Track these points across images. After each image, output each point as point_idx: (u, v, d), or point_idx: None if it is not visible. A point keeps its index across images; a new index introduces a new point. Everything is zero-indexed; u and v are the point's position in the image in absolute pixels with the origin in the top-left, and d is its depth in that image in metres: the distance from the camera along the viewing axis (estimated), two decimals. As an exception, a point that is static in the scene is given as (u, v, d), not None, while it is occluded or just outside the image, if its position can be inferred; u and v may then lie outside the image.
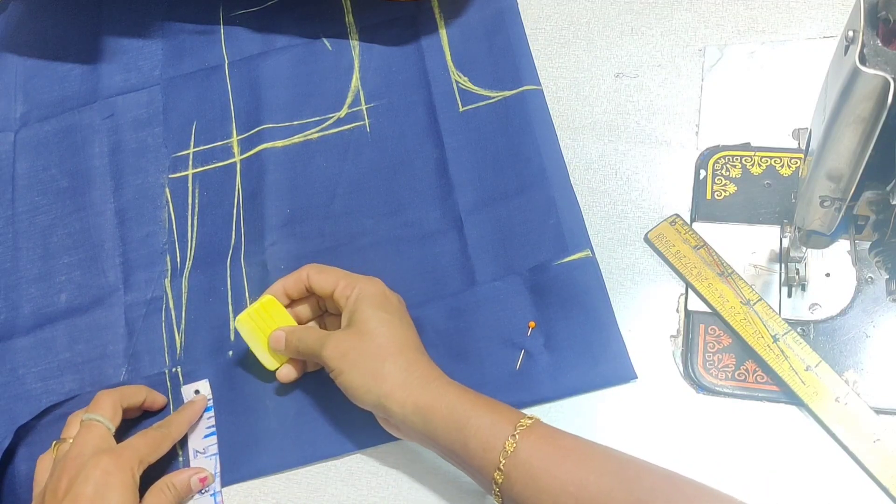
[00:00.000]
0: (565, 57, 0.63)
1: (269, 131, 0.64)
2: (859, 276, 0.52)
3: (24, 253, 0.64)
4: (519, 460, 0.43)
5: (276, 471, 0.54)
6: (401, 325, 0.50)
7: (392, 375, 0.48)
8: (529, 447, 0.43)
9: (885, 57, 0.34)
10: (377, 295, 0.51)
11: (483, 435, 0.44)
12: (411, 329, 0.51)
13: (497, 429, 0.44)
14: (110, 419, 0.52)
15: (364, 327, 0.49)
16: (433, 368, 0.49)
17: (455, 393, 0.47)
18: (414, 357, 0.49)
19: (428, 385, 0.47)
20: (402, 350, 0.49)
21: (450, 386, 0.48)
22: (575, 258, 0.55)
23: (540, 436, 0.44)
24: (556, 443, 0.44)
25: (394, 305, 0.52)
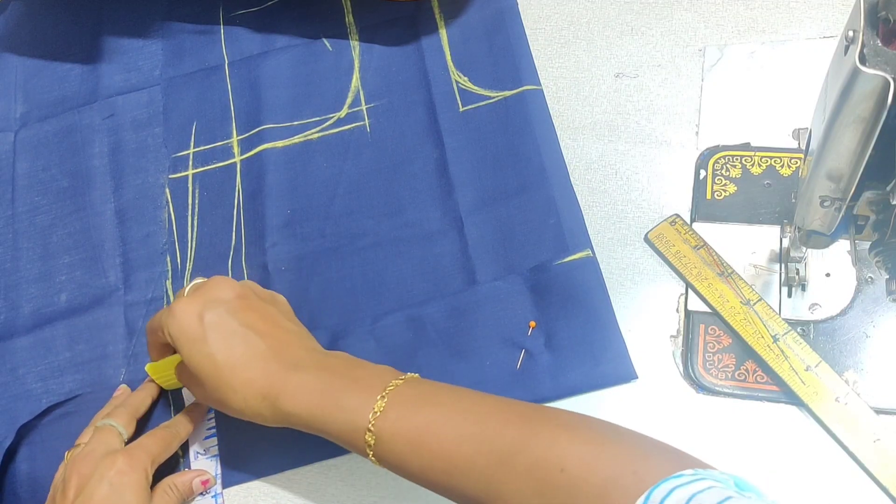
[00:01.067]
0: (565, 57, 0.63)
1: (270, 131, 0.64)
2: (859, 276, 0.52)
3: (25, 253, 0.64)
4: (388, 421, 0.42)
5: (276, 471, 0.54)
6: (215, 346, 0.47)
7: (231, 400, 0.47)
8: (399, 408, 0.43)
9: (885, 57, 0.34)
10: (181, 333, 0.48)
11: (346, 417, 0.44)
12: (230, 341, 0.47)
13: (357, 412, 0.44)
14: (124, 426, 0.53)
15: (189, 366, 0.48)
16: (269, 367, 0.47)
17: (304, 385, 0.45)
18: (241, 370, 0.47)
19: (268, 395, 0.46)
20: (226, 375, 0.47)
21: (295, 379, 0.46)
22: (575, 258, 0.55)
23: (412, 395, 0.43)
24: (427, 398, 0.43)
25: (200, 330, 0.47)
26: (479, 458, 0.40)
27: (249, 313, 0.49)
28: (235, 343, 0.47)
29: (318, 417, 0.45)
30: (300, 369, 0.47)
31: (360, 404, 0.44)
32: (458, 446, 0.41)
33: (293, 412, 0.45)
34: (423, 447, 0.42)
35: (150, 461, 0.50)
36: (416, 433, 0.42)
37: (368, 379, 0.45)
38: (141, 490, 0.49)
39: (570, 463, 0.37)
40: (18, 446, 0.57)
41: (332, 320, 0.57)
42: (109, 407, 0.56)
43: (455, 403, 0.43)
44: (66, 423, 0.57)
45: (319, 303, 0.58)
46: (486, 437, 0.40)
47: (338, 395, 0.45)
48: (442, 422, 0.42)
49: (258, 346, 0.47)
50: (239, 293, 0.50)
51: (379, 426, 0.43)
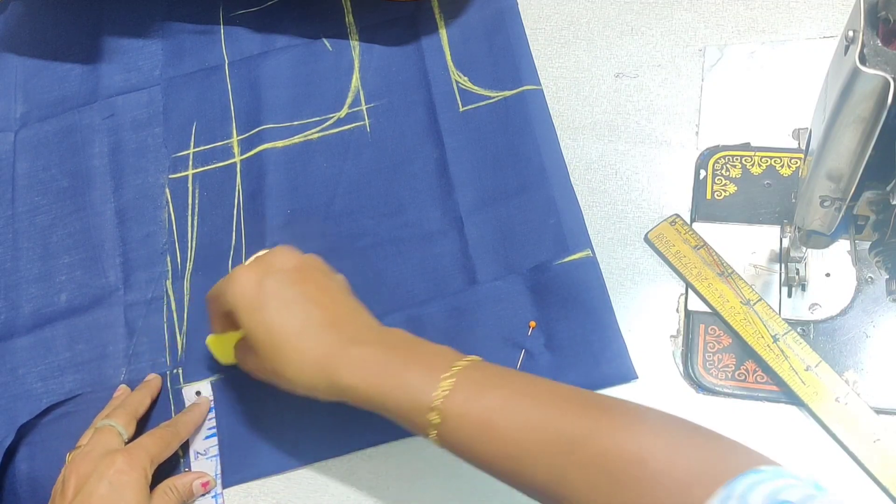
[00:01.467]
0: (565, 57, 0.63)
1: (270, 131, 0.64)
2: (859, 276, 0.52)
3: (25, 253, 0.64)
4: (456, 402, 0.41)
5: (276, 471, 0.54)
6: (275, 314, 0.47)
7: (286, 370, 0.46)
8: (467, 389, 0.42)
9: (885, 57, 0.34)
10: (240, 299, 0.48)
11: (408, 395, 0.43)
12: (292, 308, 0.47)
13: (422, 386, 0.42)
14: (124, 427, 0.53)
15: (247, 334, 0.48)
16: (329, 339, 0.46)
17: (363, 358, 0.44)
18: (299, 340, 0.46)
19: (327, 366, 0.45)
20: (283, 343, 0.46)
21: (355, 351, 0.45)
22: (575, 258, 0.55)
23: (480, 377, 0.42)
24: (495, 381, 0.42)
25: (261, 297, 0.47)
26: (550, 445, 0.39)
27: (309, 284, 0.48)
28: (293, 312, 0.47)
29: (377, 393, 0.44)
30: (359, 343, 0.46)
31: (424, 382, 0.42)
32: (528, 432, 0.40)
33: (351, 385, 0.44)
34: (491, 431, 0.40)
35: (150, 461, 0.50)
36: (485, 416, 0.41)
37: (432, 357, 0.44)
38: (140, 489, 0.49)
39: (649, 454, 0.36)
40: (18, 446, 0.57)
41: (332, 320, 0.57)
42: (109, 408, 0.56)
43: (524, 388, 0.42)
44: (66, 423, 0.57)
45: (319, 303, 0.58)
46: (557, 423, 0.39)
47: (399, 371, 0.43)
48: (511, 406, 0.41)
49: (316, 317, 0.47)
50: (300, 264, 0.49)
51: (446, 406, 0.41)
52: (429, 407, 0.42)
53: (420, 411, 0.42)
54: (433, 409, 0.42)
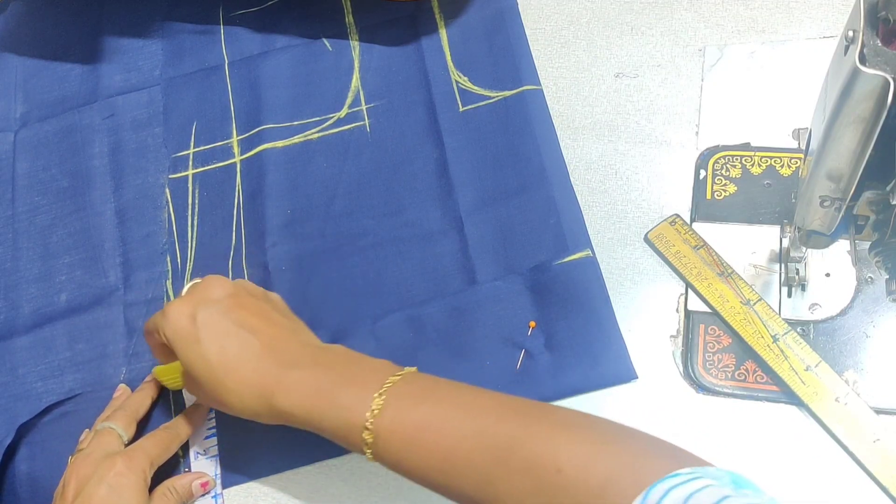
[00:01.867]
0: (565, 57, 0.63)
1: (270, 131, 0.64)
2: (859, 276, 0.52)
3: (25, 253, 0.64)
4: (386, 420, 0.42)
5: (276, 471, 0.54)
6: (209, 347, 0.47)
7: (228, 401, 0.47)
8: (397, 405, 0.42)
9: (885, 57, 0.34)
10: (175, 333, 0.48)
11: (341, 415, 0.43)
12: (225, 342, 0.47)
13: (360, 400, 0.43)
14: (124, 429, 0.53)
15: (185, 368, 0.48)
16: (263, 367, 0.46)
17: (299, 383, 0.45)
18: (237, 370, 0.46)
19: (263, 394, 0.46)
20: (220, 377, 0.46)
21: (290, 377, 0.45)
22: (575, 258, 0.55)
23: (410, 392, 0.43)
24: (425, 395, 0.43)
25: (194, 331, 0.47)
26: (477, 456, 0.39)
27: (242, 311, 0.49)
28: (229, 342, 0.47)
29: (314, 415, 0.45)
30: (295, 366, 0.46)
31: (357, 402, 0.43)
32: (457, 444, 0.40)
33: (289, 410, 0.45)
34: (420, 445, 0.41)
35: (149, 463, 0.50)
36: (415, 431, 0.42)
37: (365, 375, 0.45)
38: (139, 492, 0.49)
39: (566, 463, 0.37)
40: (18, 446, 0.57)
41: (333, 320, 0.57)
42: (109, 409, 0.56)
43: (453, 399, 0.43)
44: (66, 423, 0.57)
45: (320, 303, 0.58)
46: (483, 434, 0.40)
47: (334, 392, 0.44)
48: (441, 419, 0.41)
49: (252, 345, 0.47)
50: (231, 292, 0.50)
51: (377, 425, 0.42)
52: (361, 426, 0.42)
53: (354, 430, 0.43)
54: (365, 428, 0.42)
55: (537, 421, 0.40)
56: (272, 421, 0.47)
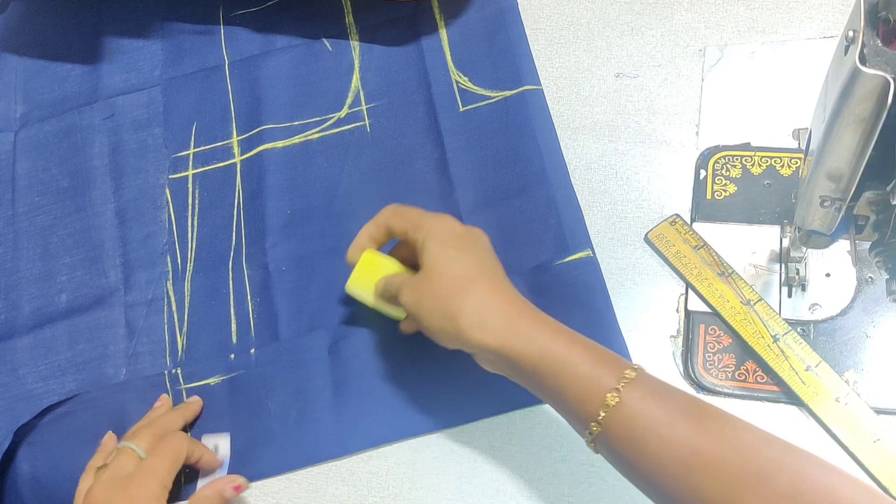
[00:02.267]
0: (565, 57, 0.63)
1: (270, 132, 0.64)
2: (859, 276, 0.52)
3: (25, 253, 0.64)
4: (622, 416, 0.40)
5: (278, 472, 0.54)
6: (473, 259, 0.47)
7: (465, 314, 0.44)
8: (635, 404, 0.40)
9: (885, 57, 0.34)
10: (443, 232, 0.48)
11: (581, 385, 0.41)
12: (488, 264, 0.47)
13: (597, 381, 0.41)
14: (146, 450, 0.51)
15: (433, 268, 0.47)
16: (517, 304, 0.45)
17: (546, 335, 0.43)
18: (490, 291, 0.45)
19: (511, 324, 0.44)
20: (473, 286, 0.45)
21: (539, 326, 0.44)
22: (575, 258, 0.55)
23: (648, 392, 0.40)
24: (665, 400, 0.40)
25: (466, 241, 0.48)
26: (729, 467, 0.37)
27: (498, 263, 0.49)
28: (497, 264, 0.47)
29: (550, 377, 0.42)
30: (547, 322, 0.44)
31: (598, 384, 0.41)
32: (704, 450, 0.38)
33: (525, 356, 0.43)
34: (662, 440, 0.39)
35: (163, 486, 0.49)
36: (660, 423, 0.39)
37: (608, 361, 0.42)
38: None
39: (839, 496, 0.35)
40: (19, 446, 0.57)
41: (333, 320, 0.57)
42: (146, 419, 0.55)
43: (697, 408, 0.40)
44: (67, 423, 0.57)
45: (320, 303, 0.58)
46: (736, 449, 0.38)
47: (578, 364, 0.42)
48: (688, 423, 0.39)
49: (508, 283, 0.46)
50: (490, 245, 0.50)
51: (610, 415, 0.40)
52: (594, 411, 0.41)
53: (586, 411, 0.41)
54: (598, 413, 0.41)
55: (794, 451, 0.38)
56: (487, 355, 0.45)
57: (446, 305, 0.45)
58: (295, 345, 0.57)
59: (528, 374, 0.43)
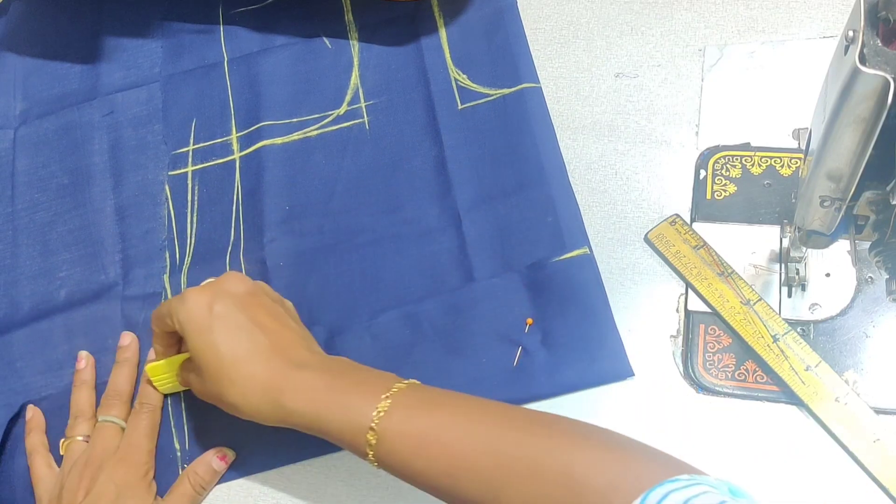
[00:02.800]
0: (565, 57, 0.63)
1: (269, 128, 0.64)
2: (859, 276, 0.52)
3: (24, 250, 0.64)
4: (384, 451, 0.43)
5: (273, 467, 0.54)
6: (225, 338, 0.47)
7: (231, 400, 0.47)
8: (391, 436, 0.42)
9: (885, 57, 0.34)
10: (190, 320, 0.48)
11: (346, 433, 0.44)
12: (241, 337, 0.48)
13: (356, 423, 0.43)
14: (123, 418, 0.55)
15: (195, 359, 0.49)
16: (276, 372, 0.46)
17: (303, 398, 0.45)
18: (246, 372, 0.47)
19: (271, 400, 0.46)
20: (230, 371, 0.47)
21: (296, 392, 0.46)
22: (572, 255, 0.55)
23: (402, 417, 0.43)
24: (419, 420, 0.43)
25: (214, 318, 0.48)
26: (483, 461, 0.40)
27: (257, 309, 0.49)
28: (241, 337, 0.47)
29: (320, 416, 0.45)
30: (304, 368, 0.47)
31: (363, 404, 0.44)
32: (462, 450, 0.41)
33: (295, 409, 0.45)
34: (426, 449, 0.42)
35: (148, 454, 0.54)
36: (420, 435, 0.42)
37: (372, 381, 0.46)
38: (145, 487, 0.52)
39: (571, 466, 0.38)
40: (16, 440, 0.57)
41: (330, 316, 0.57)
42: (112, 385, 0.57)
43: (460, 408, 0.43)
44: (63, 417, 0.57)
45: (317, 299, 0.58)
46: (490, 441, 0.41)
47: (341, 394, 0.45)
48: (447, 424, 0.42)
49: (263, 343, 0.48)
50: (249, 290, 0.50)
51: (382, 426, 0.43)
52: (366, 428, 0.43)
53: (358, 432, 0.43)
54: (371, 429, 0.43)
55: (543, 428, 0.41)
56: (274, 421, 0.47)
57: (212, 390, 0.48)
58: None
59: (305, 424, 0.46)
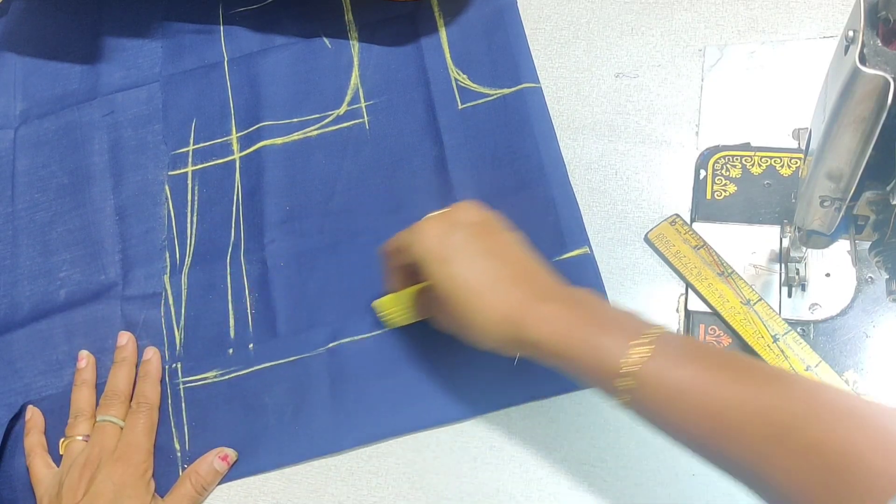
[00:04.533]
0: (565, 57, 0.63)
1: (269, 128, 0.64)
2: (859, 276, 0.52)
3: (24, 250, 0.64)
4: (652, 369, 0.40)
5: (274, 468, 0.54)
6: (463, 267, 0.46)
7: (472, 328, 0.46)
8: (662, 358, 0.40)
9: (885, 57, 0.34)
10: (426, 251, 0.47)
11: (596, 370, 0.42)
12: (476, 264, 0.46)
13: (610, 362, 0.41)
14: (122, 417, 0.55)
15: (436, 287, 0.47)
16: (518, 303, 0.45)
17: (549, 329, 0.43)
18: (488, 301, 0.45)
19: (514, 330, 0.44)
20: (472, 300, 0.45)
21: (542, 321, 0.43)
22: (573, 255, 0.55)
23: (667, 358, 0.40)
24: (685, 365, 0.40)
25: (450, 249, 0.47)
26: (751, 427, 0.38)
27: (493, 238, 0.48)
28: (481, 266, 0.46)
29: (564, 352, 0.43)
30: (548, 299, 0.45)
31: (614, 345, 0.41)
32: (727, 410, 0.38)
33: (538, 342, 0.43)
34: (689, 402, 0.39)
35: (147, 453, 0.54)
36: (684, 386, 0.39)
37: (622, 321, 0.43)
38: (144, 486, 0.52)
39: (861, 449, 0.35)
40: (16, 441, 0.57)
41: (331, 317, 0.57)
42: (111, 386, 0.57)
43: (723, 362, 0.40)
44: (63, 417, 0.57)
45: (318, 299, 0.58)
46: (759, 405, 0.38)
47: (589, 332, 0.43)
48: (709, 380, 0.39)
49: (503, 272, 0.46)
50: (483, 219, 0.49)
51: (643, 372, 0.40)
52: (618, 371, 0.41)
53: (607, 374, 0.41)
54: (627, 373, 0.41)
55: (820, 401, 0.38)
56: (513, 351, 0.46)
57: (455, 319, 0.47)
58: (293, 341, 0.57)
59: (548, 355, 0.44)
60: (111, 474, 0.52)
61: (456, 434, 0.53)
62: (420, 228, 0.48)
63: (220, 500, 0.54)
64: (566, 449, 0.51)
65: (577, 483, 0.50)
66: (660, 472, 0.50)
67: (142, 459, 0.53)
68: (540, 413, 0.52)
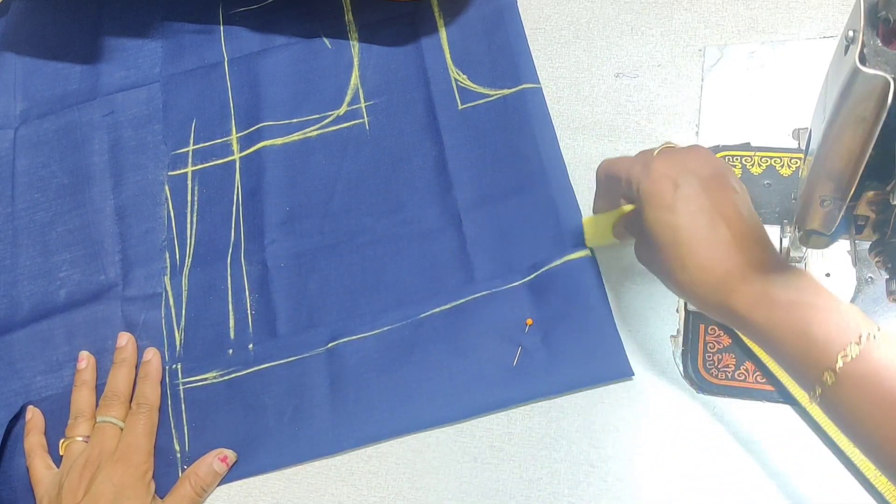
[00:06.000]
0: (565, 57, 0.63)
1: (269, 129, 0.64)
2: (859, 276, 0.52)
3: (24, 250, 0.64)
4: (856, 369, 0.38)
5: (274, 468, 0.54)
6: (686, 223, 0.44)
7: (680, 285, 0.44)
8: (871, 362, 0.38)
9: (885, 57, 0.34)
10: (654, 200, 0.45)
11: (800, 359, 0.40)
12: (701, 225, 0.44)
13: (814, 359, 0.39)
14: (122, 418, 0.56)
15: (650, 234, 0.45)
16: (730, 273, 0.43)
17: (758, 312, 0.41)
18: (702, 262, 0.43)
19: (721, 299, 0.43)
20: (686, 258, 0.44)
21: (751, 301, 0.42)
22: (573, 257, 0.55)
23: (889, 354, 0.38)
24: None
25: (680, 205, 0.44)
26: None
27: (723, 196, 0.45)
28: (703, 223, 0.44)
29: (771, 333, 0.41)
30: (763, 274, 0.42)
31: (826, 339, 0.39)
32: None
33: (743, 315, 0.42)
34: (887, 411, 0.37)
35: (146, 454, 0.54)
36: (884, 395, 0.37)
37: (840, 314, 0.41)
38: (143, 486, 0.53)
39: None
40: (15, 441, 0.57)
41: (331, 317, 0.57)
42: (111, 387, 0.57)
43: None
44: (63, 418, 0.57)
45: (318, 300, 0.58)
46: None
47: (801, 319, 0.40)
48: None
49: (724, 235, 0.44)
50: (717, 171, 0.46)
51: (846, 371, 0.38)
52: (823, 364, 0.39)
53: (814, 367, 0.39)
54: (831, 369, 0.39)
55: None
56: (714, 316, 0.44)
57: (661, 265, 0.45)
58: (293, 341, 0.57)
59: (750, 332, 0.43)
60: (111, 475, 0.52)
61: (456, 434, 0.53)
62: (649, 167, 0.46)
63: (221, 500, 0.54)
64: (566, 449, 0.51)
65: (577, 483, 0.50)
66: (660, 472, 0.50)
67: (142, 460, 0.54)
68: (540, 413, 0.52)
